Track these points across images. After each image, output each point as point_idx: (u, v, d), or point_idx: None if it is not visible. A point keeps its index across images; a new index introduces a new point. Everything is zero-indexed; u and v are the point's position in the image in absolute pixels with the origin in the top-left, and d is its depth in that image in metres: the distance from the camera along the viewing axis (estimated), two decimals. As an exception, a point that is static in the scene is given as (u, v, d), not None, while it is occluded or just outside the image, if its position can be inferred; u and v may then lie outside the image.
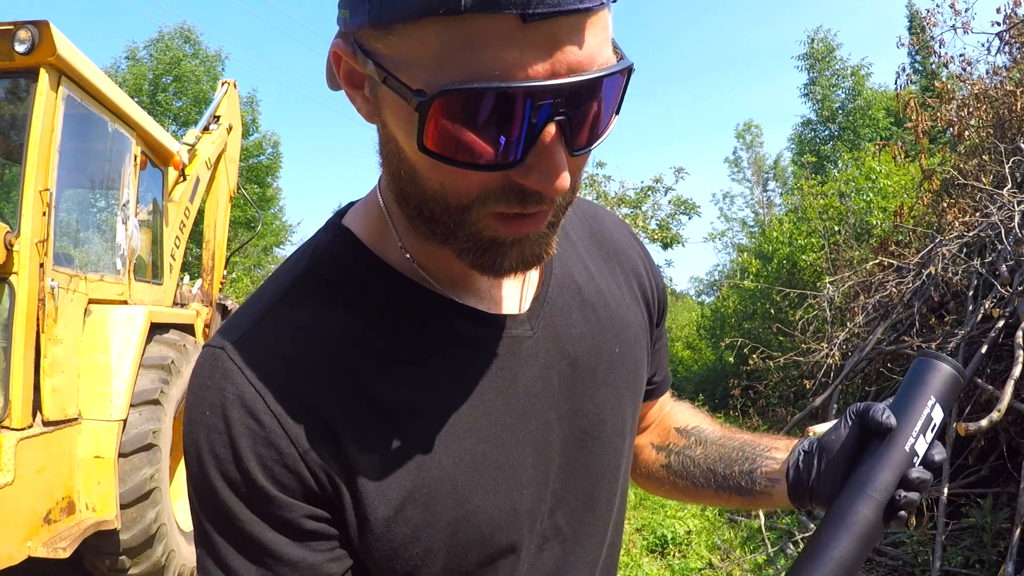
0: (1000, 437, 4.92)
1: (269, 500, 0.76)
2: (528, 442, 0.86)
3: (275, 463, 0.75)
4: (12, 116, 4.26)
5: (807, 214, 12.95)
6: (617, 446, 0.98)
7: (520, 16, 0.58)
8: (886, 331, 6.49)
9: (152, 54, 23.92)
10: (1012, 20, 6.61)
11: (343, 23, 0.69)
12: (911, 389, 0.98)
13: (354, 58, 0.68)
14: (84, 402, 4.17)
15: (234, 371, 0.77)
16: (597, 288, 0.98)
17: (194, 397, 0.79)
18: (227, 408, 0.76)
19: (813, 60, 29.66)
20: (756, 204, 35.16)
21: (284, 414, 0.76)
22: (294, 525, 0.77)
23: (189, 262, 12.04)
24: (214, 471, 0.76)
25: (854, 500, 0.91)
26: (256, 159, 24.80)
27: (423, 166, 0.69)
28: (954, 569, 4.59)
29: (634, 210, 17.93)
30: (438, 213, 0.72)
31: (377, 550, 0.80)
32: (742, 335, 11.64)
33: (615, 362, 0.97)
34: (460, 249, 0.75)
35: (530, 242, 0.75)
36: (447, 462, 0.81)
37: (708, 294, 31.40)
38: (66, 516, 3.95)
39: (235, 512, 0.77)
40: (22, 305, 3.71)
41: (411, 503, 0.79)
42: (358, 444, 0.78)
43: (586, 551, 0.96)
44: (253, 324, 0.81)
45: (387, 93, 0.66)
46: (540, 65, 0.60)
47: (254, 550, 0.78)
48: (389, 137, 0.72)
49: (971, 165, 6.63)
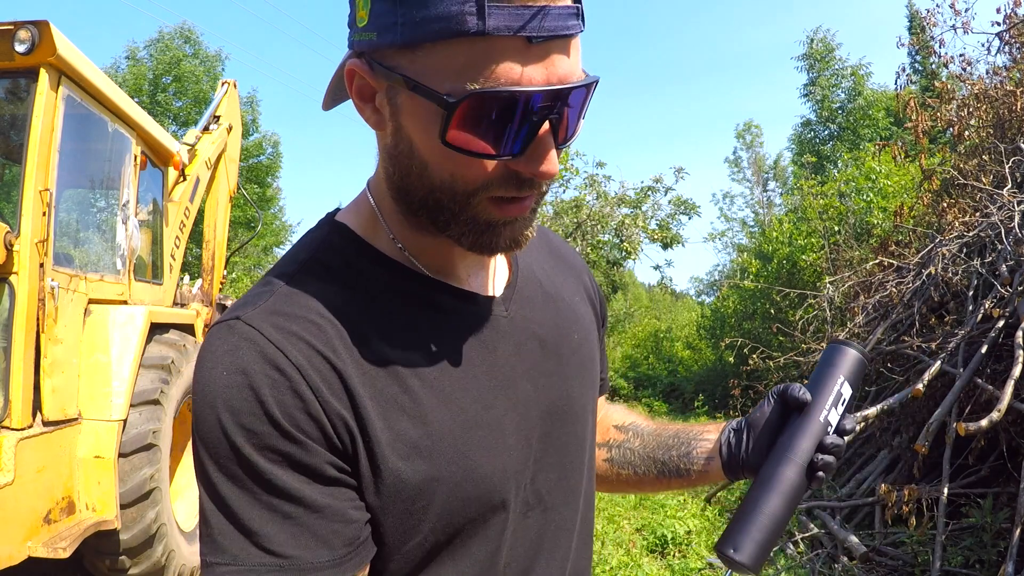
0: (1000, 437, 4.93)
1: (293, 443, 0.80)
2: (510, 408, 0.97)
3: (298, 410, 0.81)
4: (12, 116, 4.25)
5: (807, 214, 12.95)
6: (584, 423, 1.10)
7: (527, 39, 0.75)
8: (886, 331, 6.49)
9: (152, 54, 23.91)
10: (1012, 20, 6.61)
11: (359, 44, 0.84)
12: (823, 371, 1.15)
13: (371, 74, 0.83)
14: (84, 402, 4.16)
15: (253, 333, 0.83)
16: (554, 284, 1.14)
17: (207, 365, 0.83)
18: (247, 364, 0.81)
19: (812, 60, 29.65)
20: (756, 204, 35.18)
21: (306, 367, 0.82)
22: (317, 471, 0.82)
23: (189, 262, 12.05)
24: (233, 425, 0.80)
25: (779, 464, 1.07)
26: (256, 159, 24.80)
27: (437, 159, 0.83)
28: (954, 569, 4.60)
29: (634, 210, 17.93)
30: (444, 200, 0.86)
31: (388, 503, 0.86)
32: (742, 335, 11.63)
33: (575, 347, 1.10)
34: (460, 232, 0.89)
35: (518, 224, 0.90)
36: (447, 419, 0.90)
37: (708, 294, 31.39)
38: (66, 516, 3.95)
39: (257, 465, 0.80)
40: (22, 305, 3.70)
41: (417, 456, 0.86)
42: (370, 398, 0.85)
43: (564, 519, 1.05)
44: (264, 299, 0.88)
45: (408, 100, 0.81)
46: (539, 75, 0.77)
47: (277, 502, 0.80)
48: (401, 138, 0.85)
49: (971, 165, 6.64)
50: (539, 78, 0.77)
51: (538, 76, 0.77)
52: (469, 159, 0.81)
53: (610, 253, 17.85)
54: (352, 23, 0.85)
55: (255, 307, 0.87)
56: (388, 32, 0.79)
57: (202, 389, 0.83)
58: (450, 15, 0.74)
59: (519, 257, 1.09)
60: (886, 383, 6.58)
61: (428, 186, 0.86)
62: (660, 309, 30.72)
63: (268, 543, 0.80)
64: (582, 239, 17.25)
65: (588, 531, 1.14)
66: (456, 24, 0.74)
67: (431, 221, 0.90)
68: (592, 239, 17.38)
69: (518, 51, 0.76)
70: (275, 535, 0.80)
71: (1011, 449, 4.88)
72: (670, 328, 22.81)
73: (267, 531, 0.80)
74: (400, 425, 0.87)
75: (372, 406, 0.85)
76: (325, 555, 0.82)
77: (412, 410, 0.88)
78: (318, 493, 0.82)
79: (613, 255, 17.91)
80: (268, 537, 0.80)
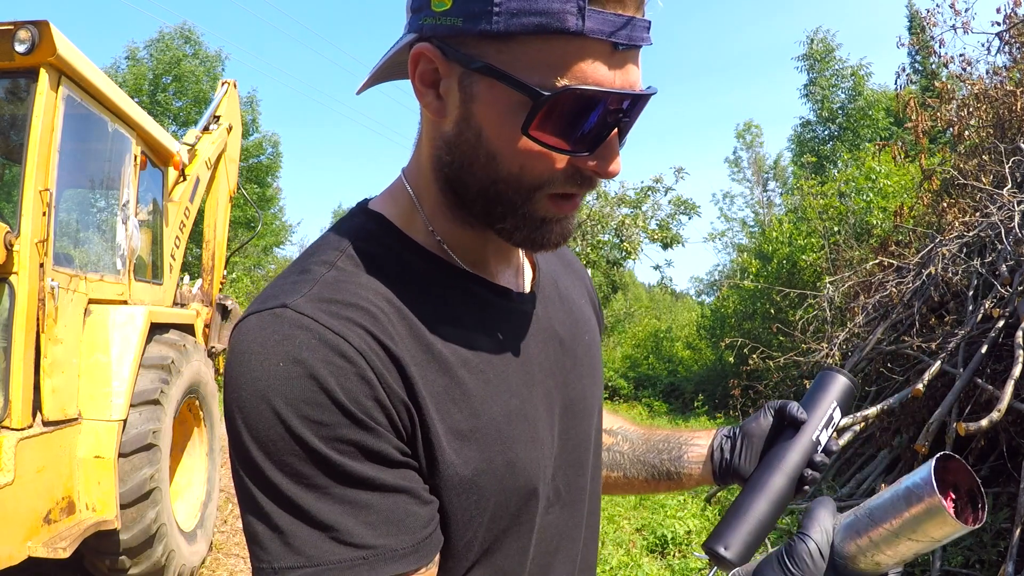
0: (1000, 437, 4.92)
1: (364, 430, 0.78)
2: (540, 403, 0.98)
3: (366, 397, 0.79)
4: (12, 116, 4.25)
5: (807, 214, 12.95)
6: (594, 421, 1.13)
7: (613, 44, 0.79)
8: (886, 331, 6.49)
9: (152, 54, 23.88)
10: (1012, 20, 6.61)
11: (433, 28, 0.83)
12: (817, 394, 1.21)
13: (443, 59, 0.84)
14: (84, 402, 4.16)
15: (307, 321, 0.80)
16: (565, 287, 1.17)
17: (256, 357, 0.79)
18: (304, 353, 0.78)
19: (812, 60, 29.63)
20: (756, 204, 35.15)
21: (368, 353, 0.80)
22: (388, 456, 0.80)
23: (189, 262, 12.04)
24: (295, 419, 0.76)
25: (771, 472, 1.13)
26: (256, 159, 24.78)
27: (509, 151, 0.84)
28: (954, 569, 4.60)
29: (634, 210, 17.93)
30: (508, 193, 0.87)
31: (444, 496, 0.85)
32: (742, 335, 11.63)
33: (587, 347, 1.13)
34: (515, 226, 0.90)
35: (567, 221, 0.92)
36: (494, 410, 0.90)
37: (708, 294, 31.37)
38: (66, 516, 3.95)
39: (328, 458, 0.77)
40: (22, 305, 3.70)
41: (470, 446, 0.87)
42: (426, 388, 0.85)
43: (579, 515, 1.07)
44: (308, 287, 0.85)
45: (487, 89, 0.82)
46: (619, 80, 0.81)
47: (352, 493, 0.78)
48: (469, 127, 0.85)
49: (971, 165, 6.64)
50: (619, 83, 0.81)
51: (618, 81, 0.81)
52: (541, 153, 0.83)
53: (610, 253, 17.86)
54: (423, 7, 0.84)
55: (301, 295, 0.83)
56: (479, 20, 0.79)
57: (250, 383, 0.78)
58: (551, 11, 0.76)
59: (538, 259, 1.11)
60: (886, 383, 6.58)
61: (492, 177, 0.86)
62: (660, 309, 30.70)
63: (348, 536, 0.77)
64: (582, 239, 17.25)
65: (596, 527, 1.17)
66: (557, 21, 0.76)
67: (485, 212, 0.90)
68: (592, 239, 17.39)
69: (605, 55, 0.79)
70: (354, 527, 0.77)
71: (1011, 449, 4.88)
72: (670, 328, 22.78)
73: (345, 524, 0.77)
74: (452, 416, 0.86)
75: (427, 396, 0.84)
76: (407, 540, 0.80)
77: (462, 400, 0.88)
78: (391, 478, 0.80)
79: (613, 255, 17.92)
80: (347, 530, 0.77)
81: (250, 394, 0.78)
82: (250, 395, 0.78)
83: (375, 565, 0.77)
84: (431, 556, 0.82)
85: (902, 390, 5.47)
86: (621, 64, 0.81)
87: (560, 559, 1.02)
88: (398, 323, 0.86)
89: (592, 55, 0.79)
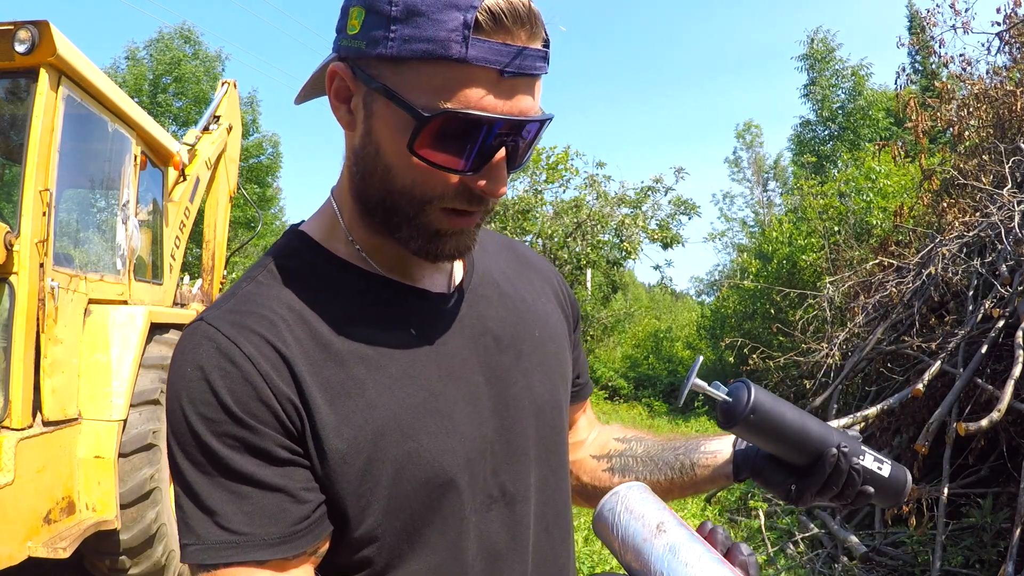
0: (1000, 437, 4.92)
1: (246, 429, 0.88)
2: (460, 398, 1.01)
3: (250, 398, 0.88)
4: (12, 116, 4.25)
5: (807, 214, 12.95)
6: (554, 420, 1.15)
7: (499, 72, 0.85)
8: (886, 331, 6.49)
9: (152, 54, 23.90)
10: (1012, 20, 6.61)
11: (345, 50, 0.92)
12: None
13: (352, 78, 0.92)
14: (84, 402, 4.16)
15: (212, 332, 0.92)
16: (515, 287, 1.20)
17: (176, 363, 0.93)
18: (205, 360, 0.89)
19: (813, 60, 29.61)
20: (756, 204, 35.15)
21: (257, 357, 0.90)
22: (269, 453, 0.89)
23: (189, 262, 12.05)
24: (194, 415, 0.88)
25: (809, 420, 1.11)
26: (256, 159, 24.79)
27: (401, 165, 0.91)
28: (954, 569, 4.59)
29: (634, 210, 17.92)
30: (401, 204, 0.94)
31: (337, 484, 0.92)
32: (742, 335, 11.64)
33: (537, 343, 1.15)
34: (410, 236, 0.96)
35: (464, 236, 0.98)
36: (393, 404, 0.95)
37: (708, 294, 31.39)
38: (66, 516, 3.95)
39: (214, 450, 0.87)
40: (22, 305, 3.70)
41: (362, 439, 0.92)
42: (317, 384, 0.92)
43: (526, 514, 1.08)
44: (226, 300, 0.98)
45: (383, 107, 0.89)
46: (505, 106, 0.87)
47: (235, 485, 0.88)
48: (370, 141, 0.93)
49: (971, 165, 6.64)
50: (504, 108, 0.87)
51: (503, 106, 0.87)
52: (431, 170, 0.90)
53: (610, 253, 17.84)
54: (341, 29, 0.93)
55: (218, 309, 0.96)
56: (377, 44, 0.87)
57: (171, 386, 0.92)
58: (438, 39, 0.83)
59: (476, 261, 1.15)
60: (886, 383, 6.58)
61: (388, 189, 0.93)
62: (660, 309, 30.71)
63: (226, 522, 0.87)
64: (582, 239, 17.25)
65: (562, 527, 1.17)
66: (442, 48, 0.83)
67: (384, 221, 0.97)
68: (592, 239, 17.38)
69: (491, 81, 0.85)
70: (232, 515, 0.87)
71: (1011, 449, 4.87)
72: (670, 328, 22.81)
73: (225, 511, 0.87)
74: (345, 409, 0.92)
75: (319, 391, 0.91)
76: (275, 532, 0.88)
77: (357, 395, 0.93)
78: (270, 475, 0.88)
79: (613, 255, 17.90)
80: (226, 516, 0.87)
81: (170, 394, 0.91)
82: (170, 395, 0.91)
83: (245, 550, 0.87)
84: (302, 548, 0.90)
85: (902, 390, 5.47)
86: (508, 91, 0.87)
87: (510, 560, 1.04)
88: (297, 327, 0.94)
89: (475, 82, 0.85)
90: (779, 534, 5.92)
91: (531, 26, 0.87)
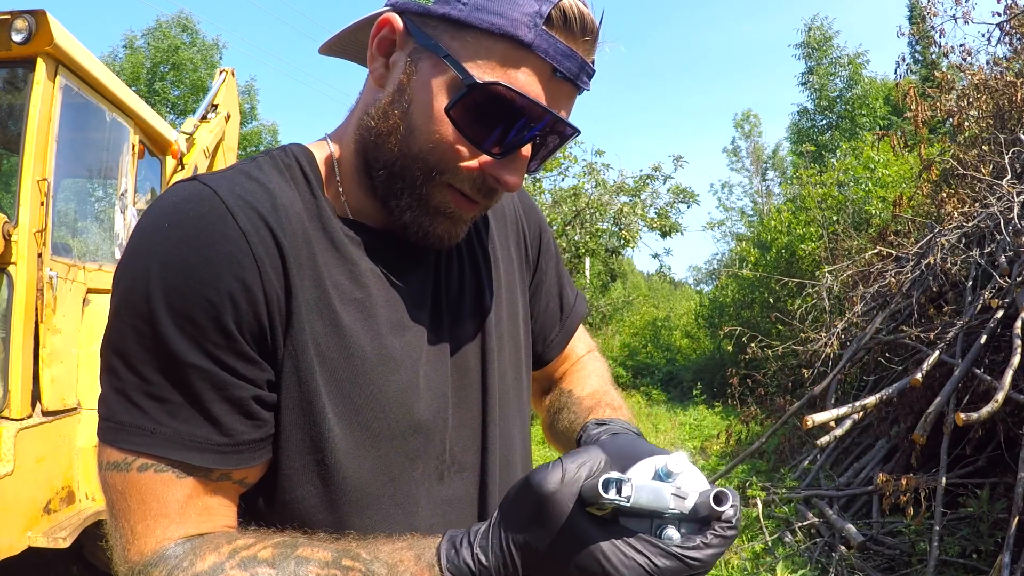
0: (998, 427, 4.93)
1: (212, 311, 0.82)
2: (423, 355, 1.01)
3: (232, 277, 0.83)
4: (10, 106, 4.23)
5: (806, 203, 12.93)
6: (503, 392, 1.12)
7: (553, 68, 0.88)
8: (885, 321, 6.49)
9: (150, 43, 23.84)
10: (1013, 10, 6.59)
11: (405, 4, 0.92)
12: None
13: (403, 32, 0.92)
14: (83, 392, 4.16)
15: (206, 192, 0.86)
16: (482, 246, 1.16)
17: (152, 214, 0.85)
18: (192, 222, 0.83)
19: (811, 48, 29.55)
20: (755, 193, 35.16)
21: (252, 235, 0.85)
22: (238, 348, 0.84)
23: (187, 251, 12.01)
24: (157, 283, 0.81)
25: None
26: (255, 147, 24.74)
27: (427, 129, 0.90)
28: (951, 559, 4.61)
29: (633, 198, 17.88)
30: (412, 169, 0.93)
31: (295, 405, 0.89)
32: (741, 324, 11.64)
33: (495, 320, 1.13)
34: (408, 205, 0.95)
35: (457, 224, 0.98)
36: (368, 348, 0.94)
37: (707, 283, 31.49)
38: (66, 506, 3.96)
39: (166, 333, 0.81)
40: (21, 295, 3.70)
41: (330, 369, 0.91)
42: (303, 292, 0.89)
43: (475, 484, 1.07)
44: (227, 172, 0.92)
45: (431, 67, 0.90)
46: (548, 101, 0.89)
47: (178, 373, 0.82)
48: (403, 98, 0.92)
49: (970, 155, 6.63)
50: (547, 103, 0.89)
51: (547, 101, 0.89)
52: (453, 141, 0.90)
53: (609, 241, 17.81)
54: None
55: (219, 175, 0.91)
56: (447, 5, 0.89)
57: (138, 237, 0.84)
58: (510, 17, 0.86)
59: None
60: (884, 372, 6.60)
61: (403, 151, 0.93)
62: (658, 298, 30.74)
63: (155, 413, 0.82)
64: (580, 227, 17.22)
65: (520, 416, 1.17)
66: (511, 26, 0.85)
67: (386, 184, 0.96)
68: (591, 227, 17.34)
69: (543, 75, 0.88)
70: (163, 409, 0.82)
71: (1008, 439, 4.88)
72: (668, 317, 22.80)
73: (157, 403, 0.82)
74: (323, 341, 0.91)
75: (303, 300, 0.89)
76: (203, 436, 0.83)
77: (339, 331, 0.92)
78: (237, 362, 0.84)
79: (612, 243, 17.86)
80: (156, 409, 0.82)
81: (132, 248, 0.86)
82: (132, 249, 0.86)
83: (160, 442, 0.81)
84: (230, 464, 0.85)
85: (900, 380, 5.48)
86: (554, 91, 0.89)
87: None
88: (298, 241, 0.91)
89: (531, 68, 0.87)
90: (777, 523, 5.94)
91: (592, 41, 0.91)
